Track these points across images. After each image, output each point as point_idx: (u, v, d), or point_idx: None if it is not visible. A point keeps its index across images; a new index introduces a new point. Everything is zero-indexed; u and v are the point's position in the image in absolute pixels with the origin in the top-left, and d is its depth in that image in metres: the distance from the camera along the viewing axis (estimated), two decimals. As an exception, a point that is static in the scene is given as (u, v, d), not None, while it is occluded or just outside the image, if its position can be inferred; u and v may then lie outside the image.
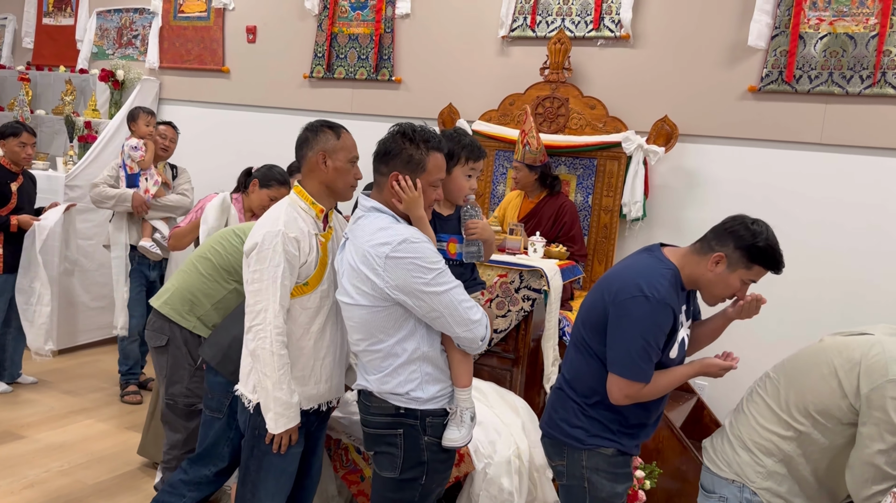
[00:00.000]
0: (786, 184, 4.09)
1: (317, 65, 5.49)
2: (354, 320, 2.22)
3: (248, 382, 2.42)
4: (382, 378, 2.21)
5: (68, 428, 4.28)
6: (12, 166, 4.55)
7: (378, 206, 2.22)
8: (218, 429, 2.70)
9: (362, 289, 2.15)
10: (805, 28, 3.97)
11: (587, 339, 2.26)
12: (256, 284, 2.30)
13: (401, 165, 2.18)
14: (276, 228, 2.29)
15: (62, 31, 6.88)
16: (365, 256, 2.12)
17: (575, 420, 2.27)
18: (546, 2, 4.66)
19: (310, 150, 2.38)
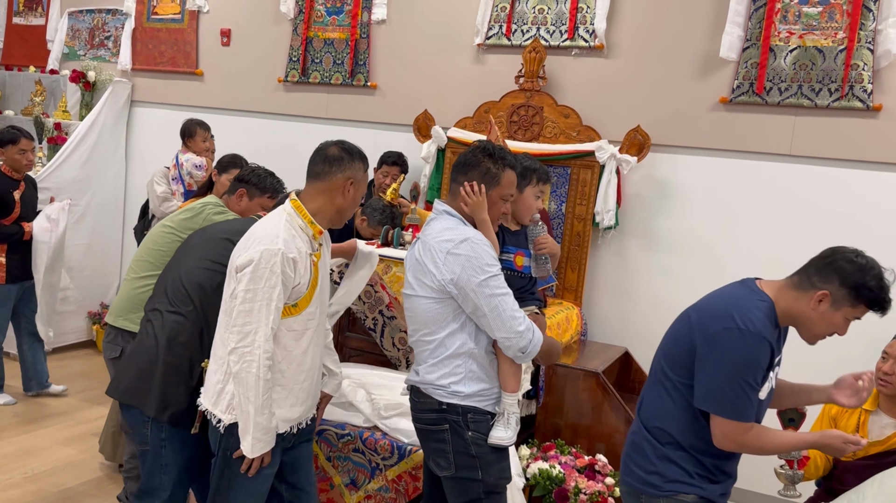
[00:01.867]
0: (755, 194, 4.14)
1: (291, 69, 5.46)
2: (413, 311, 2.39)
3: (219, 401, 2.34)
4: (428, 368, 2.36)
5: (33, 434, 4.20)
6: (13, 174, 4.46)
7: (449, 209, 2.41)
8: (150, 461, 2.57)
9: (423, 282, 2.32)
10: (776, 41, 4.03)
11: (668, 373, 2.12)
12: (248, 304, 2.20)
13: (478, 176, 2.37)
14: (275, 247, 2.20)
15: (32, 30, 6.77)
16: (430, 251, 2.30)
17: (649, 465, 2.11)
18: (521, 10, 4.69)
19: (340, 171, 2.31)
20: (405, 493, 3.06)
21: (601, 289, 4.52)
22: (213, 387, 2.37)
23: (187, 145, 4.80)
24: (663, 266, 4.37)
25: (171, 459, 2.54)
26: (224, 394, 2.32)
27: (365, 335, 3.82)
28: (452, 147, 4.71)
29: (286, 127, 5.52)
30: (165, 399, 2.48)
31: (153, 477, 2.55)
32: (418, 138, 4.84)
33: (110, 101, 6.01)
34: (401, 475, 3.04)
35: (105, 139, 6.01)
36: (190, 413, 2.50)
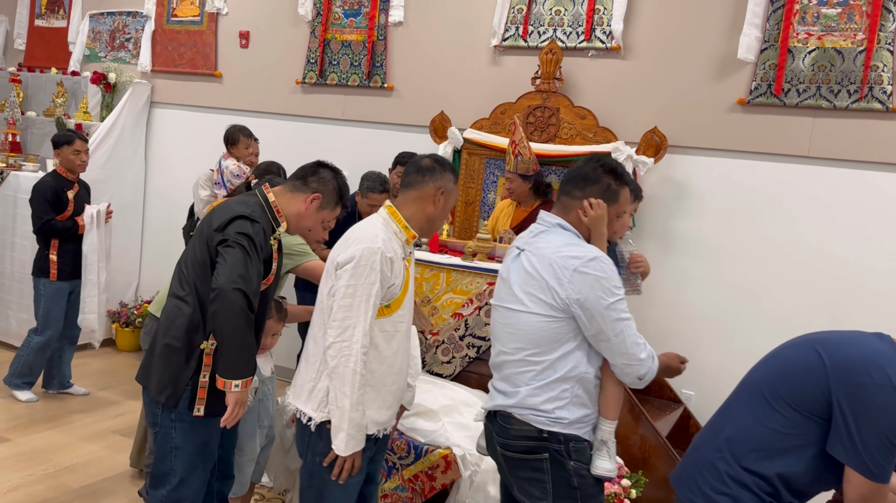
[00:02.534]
0: (773, 196, 4.12)
1: (309, 71, 5.50)
2: (520, 328, 2.21)
3: (310, 399, 2.32)
4: (532, 391, 2.17)
5: (54, 431, 4.26)
6: (68, 174, 4.57)
7: (562, 223, 2.28)
8: (160, 443, 2.54)
9: (539, 298, 2.16)
10: (794, 42, 4.01)
11: (779, 398, 1.94)
12: (348, 299, 2.23)
13: (598, 192, 2.27)
14: (375, 245, 2.25)
15: (54, 32, 6.86)
16: (552, 266, 2.15)
17: (721, 485, 1.96)
18: (538, 12, 4.70)
19: (432, 180, 2.39)
20: (421, 493, 3.08)
21: (617, 291, 4.51)
22: (303, 385, 2.37)
23: (230, 151, 4.85)
24: (680, 268, 4.36)
25: (181, 442, 2.50)
26: (315, 391, 2.31)
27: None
28: (468, 148, 4.72)
29: (303, 128, 5.56)
30: (163, 380, 2.47)
31: (164, 460, 2.53)
32: (434, 139, 4.86)
33: (130, 103, 6.08)
34: (417, 475, 3.06)
35: (125, 140, 6.08)
36: (191, 396, 2.47)
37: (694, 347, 4.00)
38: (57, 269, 4.53)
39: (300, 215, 2.55)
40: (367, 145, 5.24)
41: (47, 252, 4.53)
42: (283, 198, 2.56)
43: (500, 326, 2.30)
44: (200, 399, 2.43)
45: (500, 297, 2.31)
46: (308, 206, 2.55)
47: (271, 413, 3.10)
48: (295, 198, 2.55)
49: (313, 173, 2.58)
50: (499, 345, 2.30)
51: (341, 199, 2.62)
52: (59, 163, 4.58)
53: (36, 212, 4.49)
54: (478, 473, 2.99)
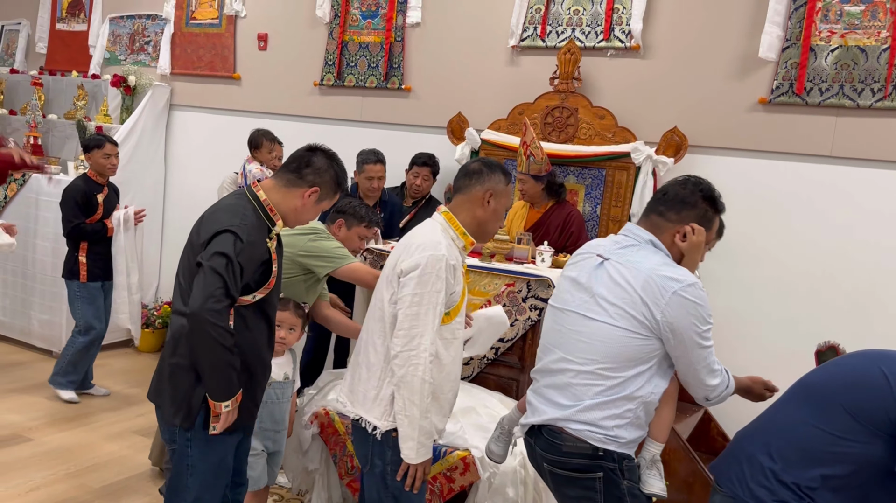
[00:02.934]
0: (796, 196, 4.07)
1: (327, 73, 5.52)
2: (598, 339, 2.12)
3: (373, 408, 2.31)
4: (596, 404, 2.10)
5: (75, 430, 4.30)
6: (98, 178, 4.63)
7: (655, 241, 2.20)
8: (176, 459, 2.48)
9: (628, 313, 2.09)
10: (816, 40, 3.97)
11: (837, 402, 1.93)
12: (415, 308, 2.20)
13: (696, 218, 2.21)
14: (439, 253, 2.23)
15: (75, 36, 6.93)
16: (649, 284, 2.07)
17: (762, 478, 1.97)
18: (557, 12, 4.68)
19: (480, 183, 2.36)
20: (440, 495, 3.07)
21: (636, 292, 4.48)
22: (365, 394, 2.34)
23: (254, 155, 4.90)
24: (701, 269, 4.30)
25: (196, 461, 2.43)
26: (378, 400, 2.29)
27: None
28: (486, 149, 4.71)
29: (321, 130, 5.57)
30: (176, 402, 2.38)
31: (180, 477, 2.47)
32: (452, 140, 4.85)
33: (150, 105, 6.13)
34: (435, 476, 3.05)
35: (145, 142, 6.13)
36: (205, 414, 2.37)
37: (716, 349, 3.94)
38: (87, 271, 4.58)
39: (298, 210, 2.45)
40: (385, 146, 5.23)
41: (76, 254, 4.58)
42: (275, 194, 2.43)
43: (568, 333, 2.20)
44: (215, 416, 2.34)
45: (572, 303, 2.21)
46: (306, 201, 2.44)
47: (277, 418, 2.97)
48: (290, 193, 2.43)
49: (307, 164, 2.46)
50: (560, 353, 2.20)
51: (339, 186, 2.51)
52: (89, 166, 4.63)
53: (66, 215, 4.55)
54: (496, 475, 2.98)
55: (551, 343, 2.26)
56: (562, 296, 2.28)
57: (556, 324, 2.26)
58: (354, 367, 2.45)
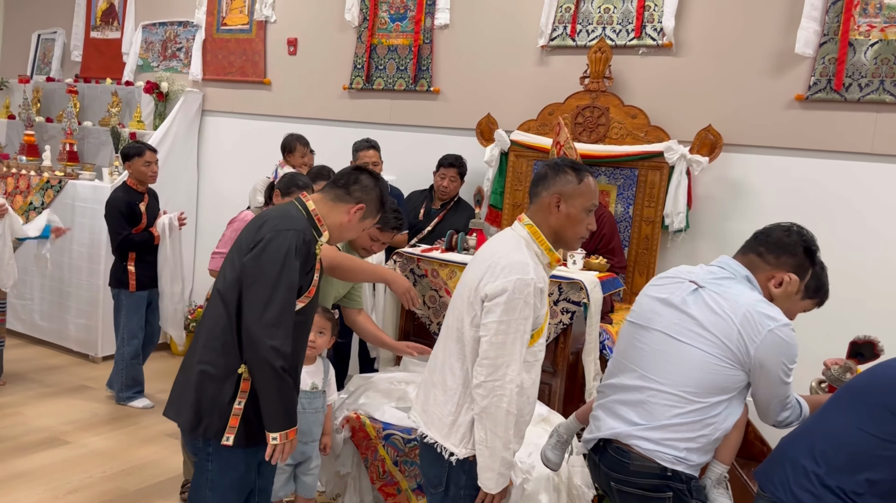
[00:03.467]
0: (835, 194, 3.97)
1: (356, 76, 5.52)
2: (686, 362, 2.11)
3: (451, 435, 2.23)
4: (670, 426, 2.10)
5: (111, 434, 4.35)
6: (138, 186, 4.69)
7: (751, 278, 2.20)
8: (197, 473, 2.44)
9: (723, 342, 2.08)
10: (855, 35, 3.86)
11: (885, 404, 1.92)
12: (501, 336, 2.10)
13: (793, 267, 2.22)
14: (527, 277, 2.10)
15: (109, 44, 7.04)
16: (746, 317, 2.08)
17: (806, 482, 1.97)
18: (587, 10, 4.62)
19: (545, 188, 2.23)
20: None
21: (670, 294, 4.41)
22: (442, 419, 2.26)
23: (287, 159, 4.92)
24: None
25: (215, 476, 2.38)
26: (456, 426, 2.22)
27: (431, 340, 3.82)
28: (516, 150, 4.67)
29: (351, 133, 5.58)
30: (199, 411, 2.33)
31: (199, 490, 2.42)
32: (481, 142, 4.82)
33: (182, 111, 6.20)
34: (467, 481, 3.02)
35: (178, 148, 6.20)
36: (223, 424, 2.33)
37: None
38: (135, 280, 4.64)
39: (343, 226, 2.47)
40: (414, 149, 5.23)
41: (125, 264, 4.64)
42: (323, 206, 2.45)
43: (652, 352, 2.18)
44: (231, 427, 2.30)
45: (659, 322, 2.19)
46: (352, 217, 2.46)
47: (302, 429, 2.90)
48: (336, 207, 2.46)
49: (355, 181, 2.48)
50: (639, 370, 2.18)
51: (383, 206, 2.54)
52: (129, 175, 4.69)
53: (113, 227, 4.61)
54: (529, 481, 2.94)
55: (629, 360, 2.24)
56: (645, 315, 2.25)
57: (638, 341, 2.23)
58: (429, 387, 2.35)
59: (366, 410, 3.28)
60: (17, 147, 6.59)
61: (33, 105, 6.74)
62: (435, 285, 3.72)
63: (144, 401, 4.81)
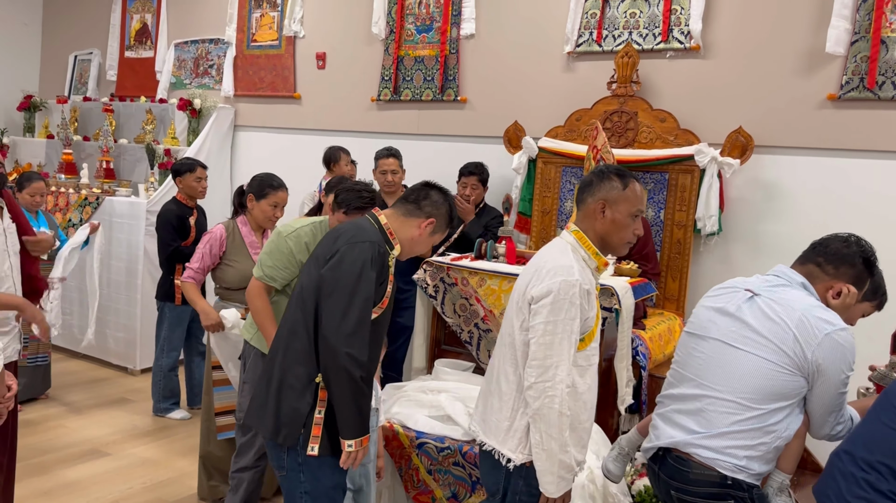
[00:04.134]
0: (871, 194, 3.90)
1: (384, 88, 5.57)
2: (744, 370, 2.11)
3: (507, 440, 2.25)
4: (728, 433, 2.09)
5: (151, 445, 4.42)
6: (188, 201, 4.81)
7: (807, 285, 2.21)
8: (288, 487, 2.45)
9: (779, 348, 2.08)
10: (887, 32, 3.80)
11: None
12: (549, 337, 2.14)
13: (852, 279, 2.24)
14: (572, 278, 2.15)
15: (143, 63, 7.20)
16: (803, 322, 2.08)
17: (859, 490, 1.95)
18: (613, 16, 4.62)
19: (590, 195, 2.28)
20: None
21: (704, 298, 4.36)
22: (498, 424, 2.29)
23: (332, 170, 4.94)
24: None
25: (311, 487, 2.38)
26: (512, 431, 2.24)
27: (461, 348, 3.83)
28: (544, 157, 4.67)
29: (380, 144, 5.60)
30: (282, 418, 2.36)
31: (292, 499, 2.42)
32: (509, 149, 4.83)
33: (215, 127, 6.31)
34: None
35: (212, 163, 6.28)
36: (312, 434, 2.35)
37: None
38: (181, 293, 4.71)
39: (414, 240, 2.50)
40: (443, 158, 5.26)
41: (172, 277, 4.73)
42: (395, 221, 2.49)
43: (708, 360, 2.18)
44: (315, 437, 2.32)
45: (716, 331, 2.19)
46: (422, 231, 2.49)
47: None
48: (408, 222, 2.49)
49: (425, 196, 2.51)
50: (698, 379, 2.18)
51: (451, 220, 2.55)
52: (179, 190, 4.79)
53: (164, 239, 4.71)
54: (564, 489, 2.93)
55: (686, 369, 2.24)
56: (702, 324, 2.26)
57: (696, 351, 2.24)
58: (486, 396, 2.40)
59: (399, 419, 3.29)
60: (56, 165, 6.77)
61: (71, 124, 6.92)
62: (465, 293, 3.74)
63: (181, 412, 4.89)
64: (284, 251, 2.97)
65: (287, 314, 2.48)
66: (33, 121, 7.53)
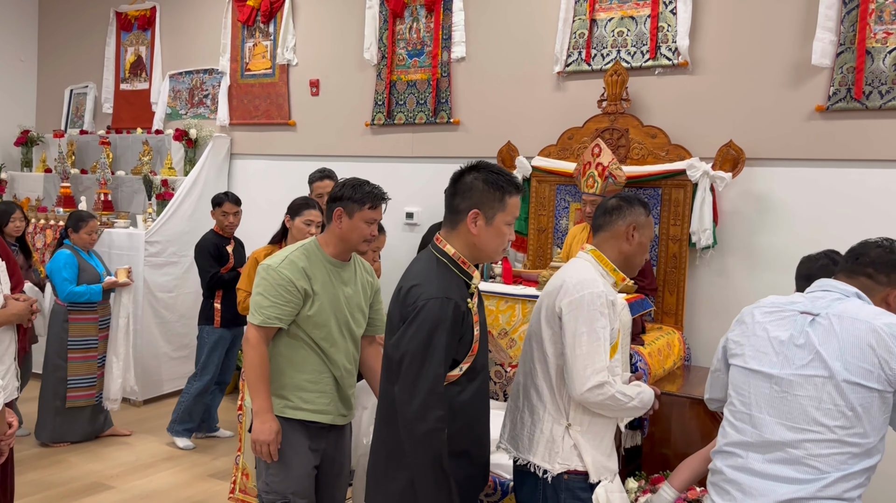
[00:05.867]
0: (862, 203, 3.93)
1: (377, 112, 5.62)
2: (836, 399, 1.91)
3: (543, 453, 2.28)
4: (844, 477, 1.88)
5: (154, 477, 4.41)
6: (224, 231, 4.89)
7: (861, 294, 2.08)
8: None
9: (864, 368, 1.90)
10: (872, 43, 3.85)
11: None
12: (584, 347, 2.19)
13: None
14: (597, 289, 2.23)
15: (138, 94, 7.26)
16: (877, 333, 1.91)
17: None
18: (600, 35, 4.67)
19: (621, 218, 2.37)
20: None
21: (703, 312, 4.38)
22: (532, 439, 2.31)
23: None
24: (768, 284, 4.18)
25: None
26: (546, 442, 2.28)
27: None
28: (537, 176, 4.70)
29: (374, 168, 5.67)
30: None
31: None
32: (504, 170, 4.86)
33: (211, 156, 6.35)
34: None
35: (209, 192, 6.30)
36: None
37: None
38: (220, 316, 4.78)
39: (478, 245, 2.22)
40: (437, 180, 5.25)
41: (212, 301, 4.81)
42: (455, 241, 2.24)
43: (792, 399, 1.96)
44: None
45: (788, 366, 1.99)
46: (475, 228, 2.19)
47: None
48: (457, 232, 2.24)
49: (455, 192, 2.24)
50: (779, 419, 1.97)
51: (502, 188, 2.19)
52: (216, 223, 4.90)
53: (202, 267, 4.80)
54: None
55: (763, 412, 2.01)
56: (768, 358, 2.04)
57: (767, 389, 2.02)
58: (514, 412, 2.42)
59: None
60: (55, 199, 6.81)
61: (68, 158, 6.96)
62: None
63: (187, 442, 4.88)
64: (282, 283, 2.61)
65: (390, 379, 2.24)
66: (31, 155, 7.58)
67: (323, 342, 2.69)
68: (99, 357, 4.87)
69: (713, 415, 3.47)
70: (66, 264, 4.67)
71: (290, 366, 2.70)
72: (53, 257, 4.75)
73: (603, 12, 4.65)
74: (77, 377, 4.79)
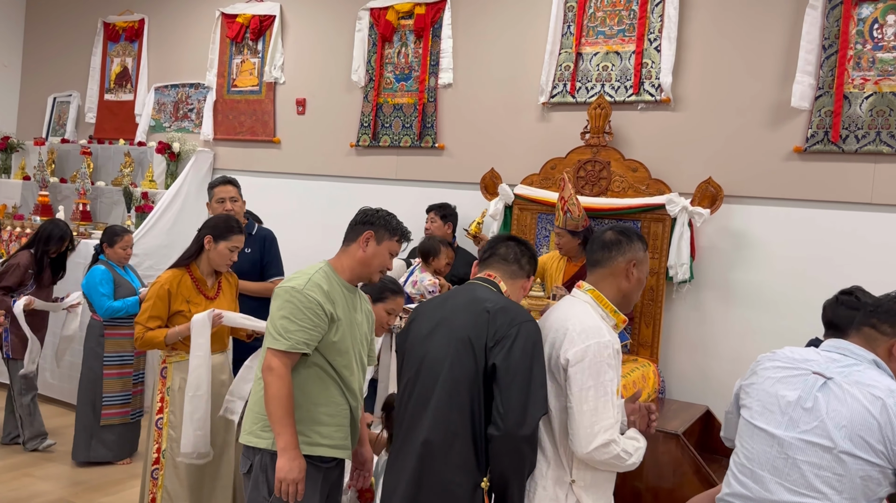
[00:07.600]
0: (837, 244, 4.01)
1: (363, 134, 5.65)
2: (834, 471, 1.92)
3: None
4: None
5: (121, 495, 4.33)
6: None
7: (878, 361, 2.07)
8: None
9: (869, 443, 1.90)
10: (850, 88, 3.95)
11: None
12: (591, 402, 2.08)
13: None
14: (604, 339, 2.11)
15: (122, 105, 7.23)
16: (887, 412, 1.92)
17: None
18: (586, 68, 4.74)
19: (621, 254, 2.24)
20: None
21: (678, 345, 4.42)
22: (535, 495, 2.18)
23: (429, 263, 4.51)
24: (743, 320, 4.24)
25: None
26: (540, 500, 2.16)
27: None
28: (519, 204, 4.74)
29: (358, 189, 5.68)
30: None
31: None
32: (486, 196, 4.90)
33: (194, 170, 6.32)
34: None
35: (189, 206, 6.29)
36: None
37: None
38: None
39: (519, 300, 2.39)
40: (421, 203, 5.30)
41: None
42: (509, 286, 2.36)
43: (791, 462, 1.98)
44: None
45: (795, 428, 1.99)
46: (526, 291, 2.41)
47: None
48: (515, 284, 2.37)
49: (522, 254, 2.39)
50: (786, 483, 1.98)
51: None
52: None
53: None
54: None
55: (766, 470, 2.03)
56: (773, 418, 2.06)
57: (772, 447, 2.04)
58: None
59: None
60: (32, 207, 6.73)
61: (48, 166, 6.90)
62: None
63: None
64: (311, 306, 2.46)
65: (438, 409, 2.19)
66: (10, 162, 7.50)
67: (344, 370, 2.55)
68: (134, 374, 4.75)
69: (685, 448, 3.49)
70: (101, 280, 4.59)
71: (306, 398, 2.50)
72: (89, 273, 4.67)
73: (589, 46, 4.73)
74: (112, 394, 4.67)
